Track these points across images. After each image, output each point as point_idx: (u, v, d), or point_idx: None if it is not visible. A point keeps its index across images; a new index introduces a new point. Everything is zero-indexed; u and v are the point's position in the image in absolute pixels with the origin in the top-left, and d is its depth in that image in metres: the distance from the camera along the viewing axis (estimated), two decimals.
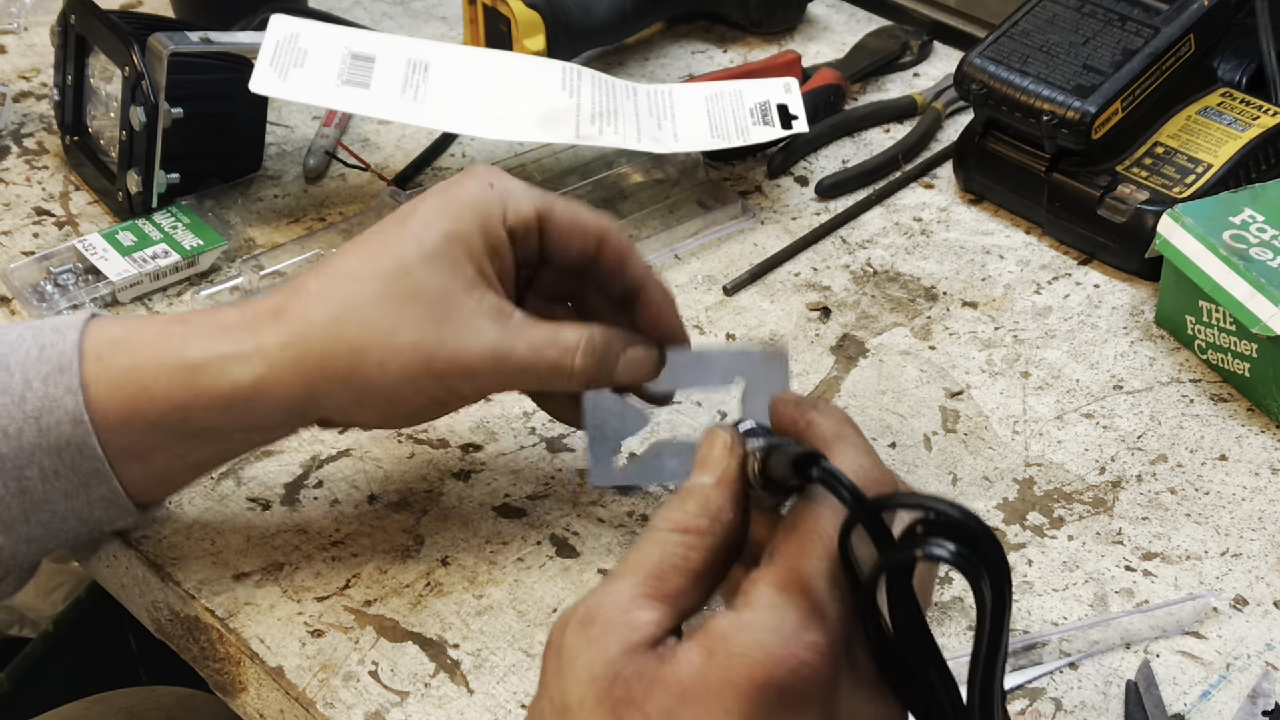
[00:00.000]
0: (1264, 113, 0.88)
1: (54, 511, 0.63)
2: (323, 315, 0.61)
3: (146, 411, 0.61)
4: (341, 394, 0.62)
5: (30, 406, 0.60)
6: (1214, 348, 0.79)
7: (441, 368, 0.62)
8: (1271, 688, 0.63)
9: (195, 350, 0.61)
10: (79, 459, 0.61)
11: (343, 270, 0.63)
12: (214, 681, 0.68)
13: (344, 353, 0.61)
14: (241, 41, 0.88)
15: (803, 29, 1.11)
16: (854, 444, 0.51)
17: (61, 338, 0.62)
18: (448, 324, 0.61)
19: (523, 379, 0.64)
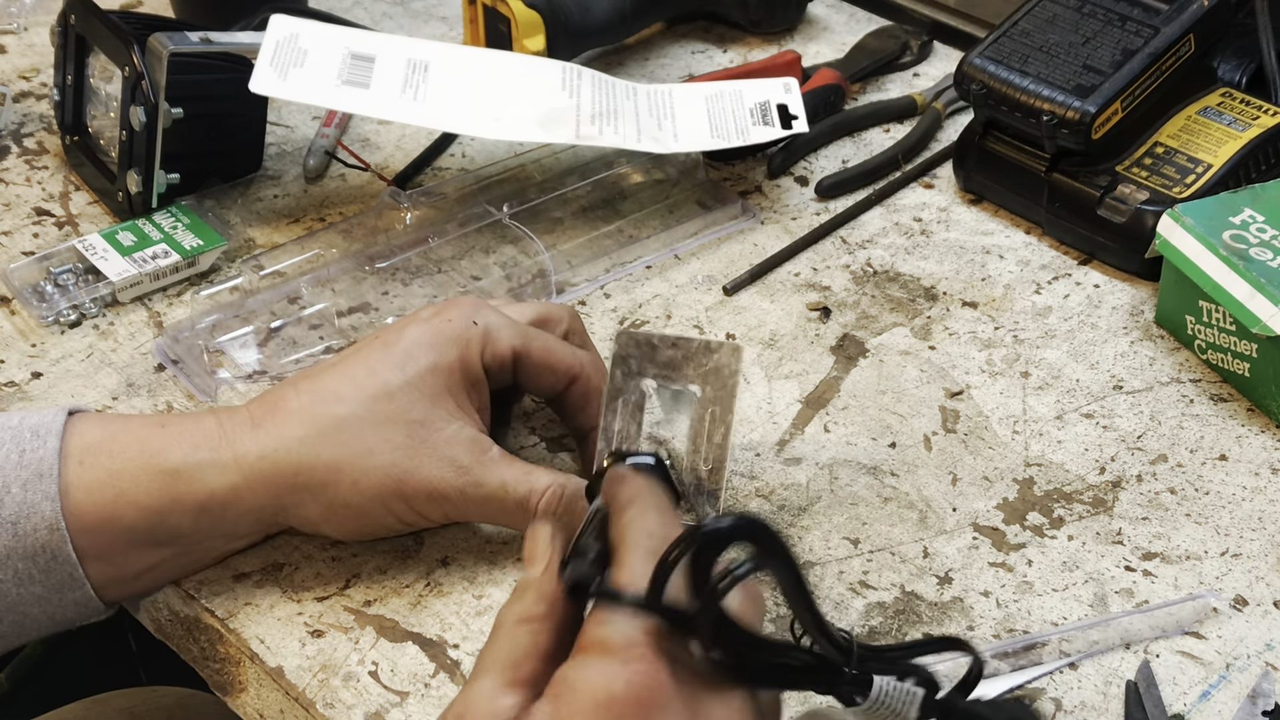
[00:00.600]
0: (1264, 113, 0.88)
1: (25, 614, 0.64)
2: (301, 431, 0.64)
3: (124, 515, 0.63)
4: (311, 507, 0.65)
5: (8, 512, 0.62)
6: (1214, 348, 0.79)
7: (412, 491, 0.65)
8: (1271, 688, 0.63)
9: (175, 457, 0.63)
10: (53, 564, 0.62)
11: (324, 391, 0.65)
12: (214, 682, 0.68)
13: (320, 469, 0.64)
14: (241, 41, 0.88)
15: (803, 29, 1.11)
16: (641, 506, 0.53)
17: (42, 443, 0.63)
18: (424, 450, 0.64)
19: (486, 511, 0.67)
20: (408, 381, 0.65)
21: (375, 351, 0.66)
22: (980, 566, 0.69)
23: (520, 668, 0.50)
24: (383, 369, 0.65)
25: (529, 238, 0.86)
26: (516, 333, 0.68)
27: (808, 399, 0.78)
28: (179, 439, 0.64)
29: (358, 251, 0.85)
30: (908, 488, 0.73)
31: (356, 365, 0.66)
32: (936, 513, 0.72)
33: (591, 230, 0.89)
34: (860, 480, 0.74)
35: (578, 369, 0.69)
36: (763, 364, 0.81)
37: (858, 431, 0.76)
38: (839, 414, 0.78)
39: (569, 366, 0.69)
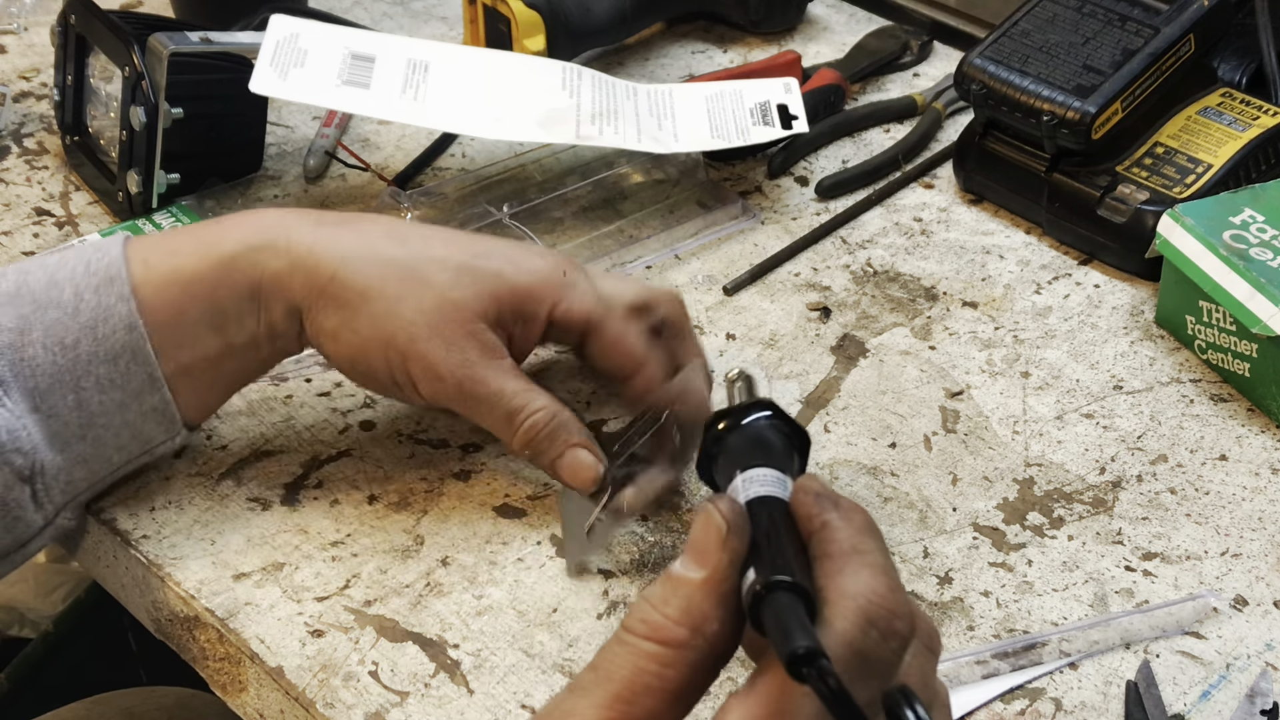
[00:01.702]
0: (1264, 113, 0.88)
1: (108, 425, 0.65)
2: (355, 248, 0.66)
3: (189, 309, 0.65)
4: (328, 317, 0.66)
5: (85, 318, 0.64)
6: (1214, 348, 0.79)
7: (415, 356, 0.65)
8: (1270, 687, 0.63)
9: (229, 244, 0.65)
10: (133, 364, 0.64)
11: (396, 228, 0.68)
12: (214, 681, 0.68)
13: (351, 287, 0.65)
14: (241, 41, 0.88)
15: (803, 29, 1.11)
16: (869, 562, 0.45)
17: (105, 252, 0.65)
18: (446, 327, 0.65)
19: (474, 411, 0.67)
20: (467, 266, 0.66)
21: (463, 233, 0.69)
22: (980, 566, 0.69)
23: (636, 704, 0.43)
24: (459, 243, 0.67)
25: (529, 238, 0.86)
26: (597, 304, 0.68)
27: (808, 399, 0.78)
28: (234, 229, 0.66)
29: None
30: (908, 488, 0.73)
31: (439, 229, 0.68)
32: (936, 513, 0.72)
33: (591, 230, 0.89)
34: (860, 480, 0.74)
35: (637, 367, 0.69)
36: (763, 364, 0.81)
37: (858, 431, 0.76)
38: (839, 414, 0.78)
39: (634, 360, 0.69)
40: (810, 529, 0.47)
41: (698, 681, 0.45)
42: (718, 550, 0.45)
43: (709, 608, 0.44)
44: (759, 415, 0.53)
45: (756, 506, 0.48)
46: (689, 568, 0.45)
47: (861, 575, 0.44)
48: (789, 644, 0.41)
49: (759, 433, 0.53)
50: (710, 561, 0.45)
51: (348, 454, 0.74)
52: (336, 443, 0.75)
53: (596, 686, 0.44)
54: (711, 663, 0.45)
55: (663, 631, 0.44)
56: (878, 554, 0.46)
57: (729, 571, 0.45)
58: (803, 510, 0.47)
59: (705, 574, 0.45)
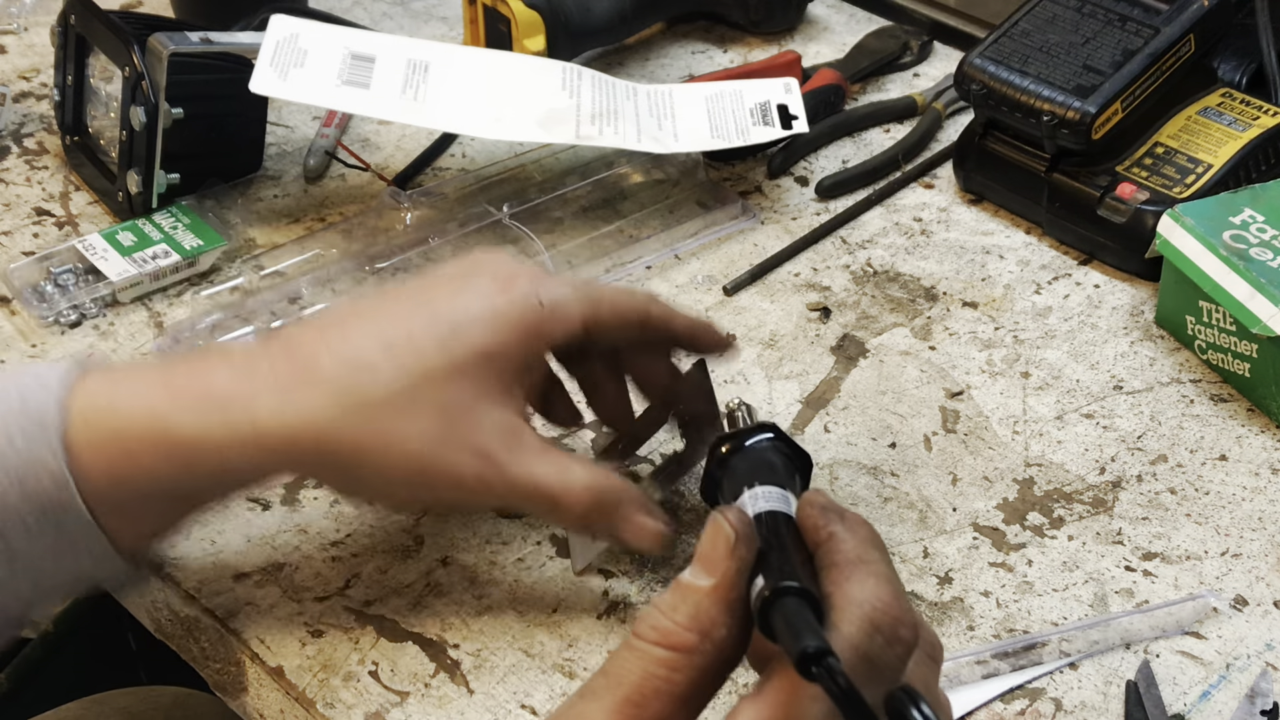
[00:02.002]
0: (1264, 113, 0.88)
1: (41, 570, 0.59)
2: (328, 408, 0.57)
3: (133, 479, 0.58)
4: (333, 480, 0.62)
5: (11, 466, 0.57)
6: (1214, 348, 0.79)
7: (436, 479, 0.59)
8: (1270, 687, 0.63)
9: (187, 429, 0.57)
10: (64, 518, 0.58)
11: (357, 358, 0.58)
12: (214, 681, 0.68)
13: (344, 450, 0.58)
14: (241, 41, 0.88)
15: (803, 29, 1.11)
16: (874, 571, 0.46)
17: (45, 391, 0.58)
18: (455, 437, 0.58)
19: (518, 505, 0.64)
20: (453, 365, 0.58)
21: (418, 315, 0.59)
22: (980, 566, 0.69)
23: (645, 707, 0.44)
24: (424, 341, 0.58)
25: (529, 238, 0.86)
26: (582, 300, 0.62)
27: (808, 399, 0.78)
28: (191, 406, 0.57)
29: (358, 251, 0.85)
30: (908, 488, 0.73)
31: (394, 328, 0.59)
32: (936, 513, 0.72)
33: (591, 230, 0.89)
34: (860, 480, 0.74)
35: (642, 309, 0.65)
36: (763, 364, 0.81)
37: (858, 431, 0.76)
38: (839, 414, 0.78)
39: (638, 312, 0.64)
40: (817, 540, 0.48)
41: (706, 686, 0.45)
42: (726, 558, 0.46)
43: (717, 614, 0.45)
44: (762, 438, 0.55)
45: (763, 520, 0.49)
46: (698, 575, 0.46)
47: (867, 583, 0.45)
48: (799, 643, 0.42)
49: (762, 454, 0.54)
50: (719, 569, 0.46)
51: None
52: None
53: (607, 691, 0.44)
54: (719, 668, 0.45)
55: (672, 637, 0.45)
56: (882, 564, 0.47)
57: (737, 579, 0.46)
58: (809, 522, 0.48)
59: (714, 581, 0.45)
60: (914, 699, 0.42)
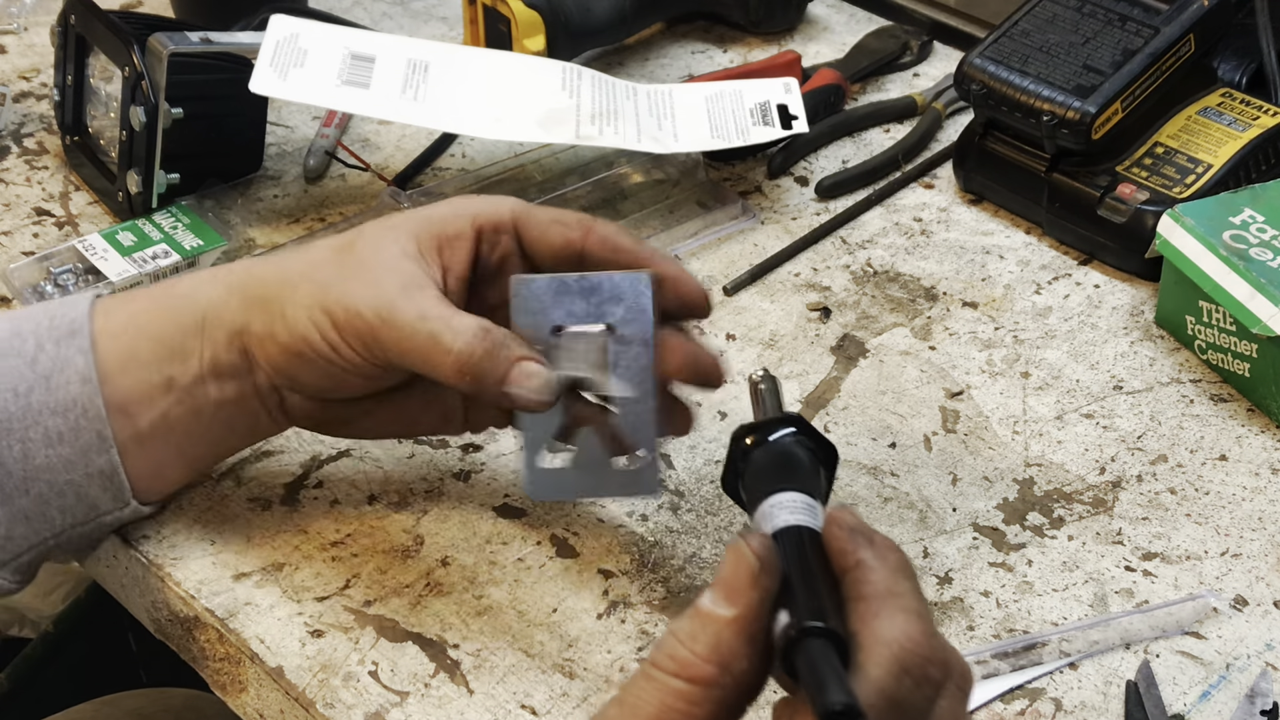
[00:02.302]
0: (1264, 113, 0.88)
1: (52, 482, 0.63)
2: (276, 258, 0.66)
3: (140, 350, 0.64)
4: (262, 316, 0.63)
5: (41, 367, 0.63)
6: (1214, 348, 0.79)
7: (334, 306, 0.61)
8: (1270, 687, 0.63)
9: (183, 285, 0.66)
10: (82, 419, 0.63)
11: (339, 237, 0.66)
12: (214, 681, 0.68)
13: (273, 280, 0.64)
14: (241, 41, 0.88)
15: (803, 29, 1.11)
16: (904, 605, 0.45)
17: (72, 306, 0.65)
18: (359, 270, 0.62)
19: (404, 349, 0.61)
20: (382, 224, 0.64)
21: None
22: (980, 566, 0.69)
23: None
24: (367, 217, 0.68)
25: None
26: (520, 203, 0.66)
27: (808, 399, 0.78)
28: (191, 275, 0.68)
29: None
30: (908, 488, 0.73)
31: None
32: (936, 513, 0.72)
33: None
34: (860, 480, 0.74)
35: (589, 219, 0.65)
36: (763, 364, 0.81)
37: (858, 431, 0.76)
38: (839, 414, 0.78)
39: (579, 217, 0.65)
40: (844, 565, 0.46)
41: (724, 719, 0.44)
42: (749, 588, 0.44)
43: (739, 646, 0.44)
44: (786, 432, 0.53)
45: (786, 536, 0.48)
46: (719, 604, 0.44)
47: (896, 620, 0.44)
48: (824, 699, 0.40)
49: (786, 450, 0.52)
50: (742, 600, 0.44)
51: (348, 454, 0.74)
52: (336, 443, 0.75)
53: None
54: (739, 701, 0.44)
55: (691, 669, 0.43)
56: (912, 596, 0.45)
57: (760, 610, 0.45)
58: (836, 545, 0.47)
59: (736, 612, 0.44)
60: None
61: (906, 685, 0.43)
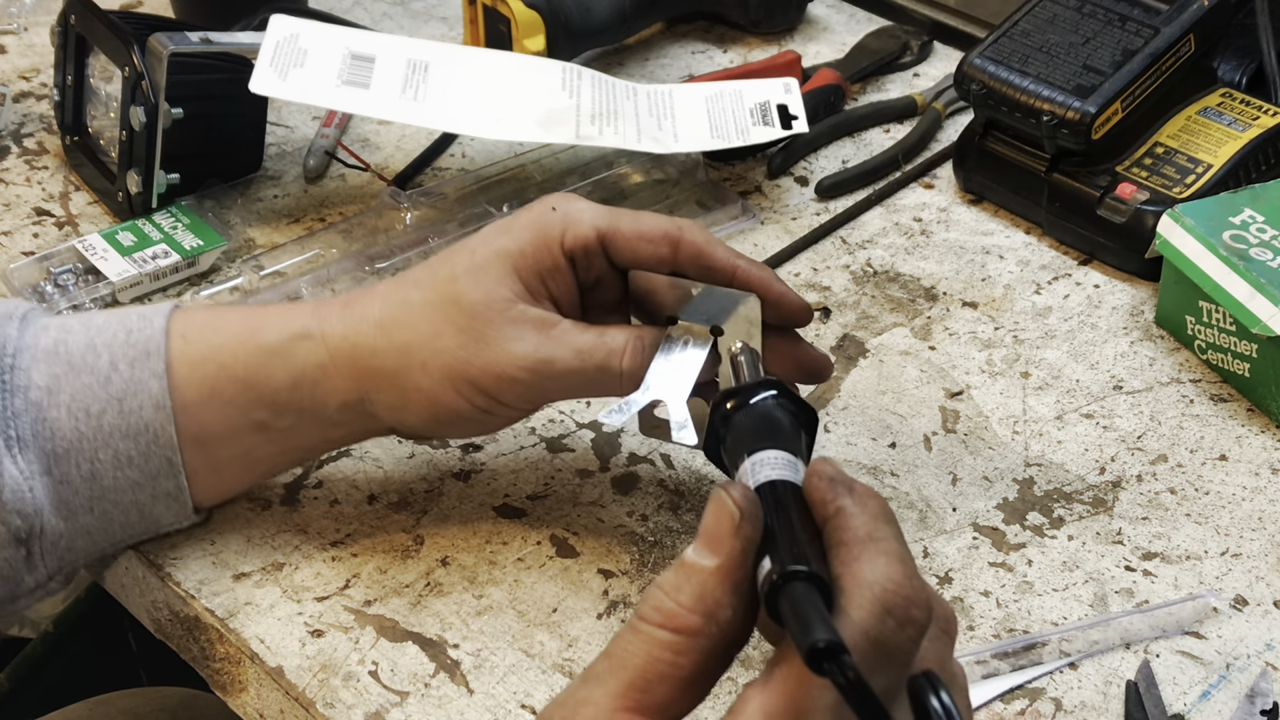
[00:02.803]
0: (1264, 113, 0.88)
1: (118, 501, 0.64)
2: (378, 314, 0.64)
3: (223, 390, 0.64)
4: (389, 392, 0.64)
5: (115, 388, 0.63)
6: (1214, 348, 0.79)
7: (478, 374, 0.63)
8: (1270, 687, 0.63)
9: (271, 334, 0.64)
10: (154, 445, 0.63)
11: (405, 277, 0.66)
12: (214, 681, 0.68)
13: (391, 351, 0.63)
14: (241, 41, 0.88)
15: (803, 29, 1.11)
16: (885, 549, 0.45)
17: (149, 324, 0.64)
18: (489, 332, 0.62)
19: (570, 385, 0.64)
20: (475, 265, 0.63)
21: (458, 243, 0.66)
22: (980, 566, 0.69)
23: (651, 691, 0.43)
24: (456, 254, 0.64)
25: None
26: (599, 214, 0.65)
27: (808, 399, 0.78)
28: (277, 317, 0.65)
29: (358, 251, 0.85)
30: (908, 488, 0.73)
31: (441, 256, 0.66)
32: (936, 513, 0.72)
33: None
34: (860, 480, 0.73)
35: (674, 230, 0.64)
36: (763, 364, 0.80)
37: (858, 431, 0.76)
38: (839, 414, 0.78)
39: (664, 231, 0.64)
40: (825, 515, 0.47)
41: (711, 669, 0.45)
42: (731, 537, 0.45)
43: (722, 595, 0.44)
44: (766, 394, 0.53)
45: (768, 490, 0.48)
46: (702, 555, 0.45)
47: (878, 563, 0.44)
48: (808, 637, 0.41)
49: (767, 412, 0.53)
50: (724, 549, 0.45)
51: (348, 454, 0.74)
52: None
53: (610, 675, 0.44)
54: (725, 649, 0.45)
55: (676, 619, 0.44)
56: (893, 540, 0.46)
57: (743, 559, 0.45)
58: (816, 495, 0.47)
59: (719, 561, 0.45)
60: (934, 685, 0.42)
61: (889, 626, 0.43)
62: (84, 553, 0.66)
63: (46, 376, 0.63)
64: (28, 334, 0.64)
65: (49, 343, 0.64)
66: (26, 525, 0.62)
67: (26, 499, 0.62)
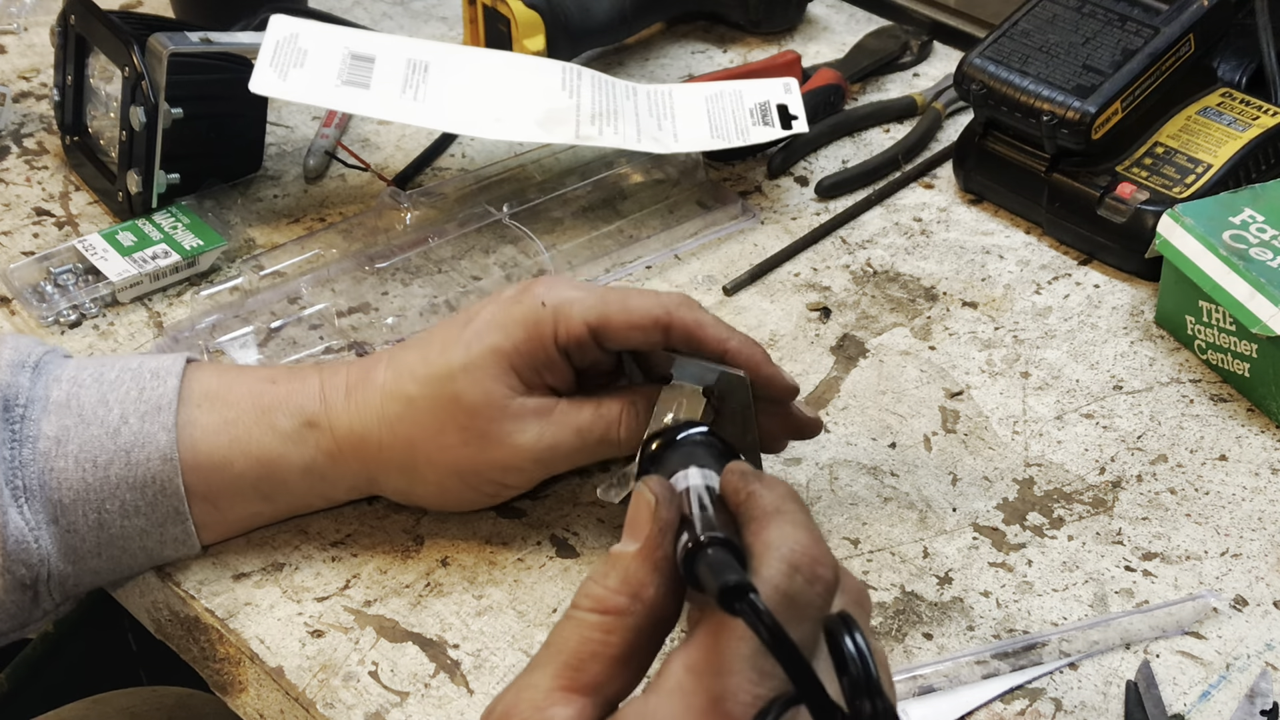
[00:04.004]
0: (1264, 113, 0.88)
1: (125, 548, 0.65)
2: (380, 408, 0.66)
3: (236, 462, 0.65)
4: (397, 479, 0.67)
5: (123, 440, 0.64)
6: (1214, 348, 0.79)
7: (487, 469, 0.66)
8: (1270, 687, 0.63)
9: (284, 419, 0.66)
10: (160, 496, 0.64)
11: (403, 367, 0.66)
12: (214, 682, 0.68)
13: (398, 446, 0.66)
14: (241, 41, 0.88)
15: (803, 29, 1.11)
16: (792, 519, 0.48)
17: (162, 383, 0.65)
18: (490, 428, 0.65)
19: (574, 460, 0.67)
20: (469, 363, 0.65)
21: (452, 330, 0.66)
22: (980, 566, 0.69)
23: (584, 670, 0.46)
24: (451, 348, 0.65)
25: (529, 238, 0.86)
26: (589, 306, 0.65)
27: (808, 399, 0.78)
28: (288, 400, 0.66)
29: (358, 251, 0.85)
30: (908, 488, 0.73)
31: (433, 343, 0.66)
32: (936, 513, 0.72)
33: (591, 230, 0.89)
34: (860, 480, 0.74)
35: (664, 314, 0.65)
36: None
37: (858, 431, 0.76)
38: (839, 414, 0.78)
39: (654, 317, 0.65)
40: (737, 501, 0.50)
41: (641, 645, 0.47)
42: (649, 521, 0.48)
43: (644, 575, 0.47)
44: (693, 432, 0.55)
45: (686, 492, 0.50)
46: (625, 543, 0.48)
47: (784, 529, 0.47)
48: (720, 580, 0.43)
49: (693, 447, 0.54)
50: (643, 532, 0.48)
51: None
52: None
53: (548, 660, 0.47)
54: (653, 628, 0.47)
55: (604, 602, 0.47)
56: (799, 513, 0.48)
57: (660, 539, 0.48)
58: (729, 487, 0.50)
59: (639, 545, 0.48)
60: (849, 626, 0.44)
61: (798, 581, 0.45)
62: (91, 584, 0.67)
63: (56, 428, 0.64)
64: (39, 384, 0.65)
65: (61, 396, 0.65)
66: (32, 574, 0.64)
67: (32, 549, 0.63)
